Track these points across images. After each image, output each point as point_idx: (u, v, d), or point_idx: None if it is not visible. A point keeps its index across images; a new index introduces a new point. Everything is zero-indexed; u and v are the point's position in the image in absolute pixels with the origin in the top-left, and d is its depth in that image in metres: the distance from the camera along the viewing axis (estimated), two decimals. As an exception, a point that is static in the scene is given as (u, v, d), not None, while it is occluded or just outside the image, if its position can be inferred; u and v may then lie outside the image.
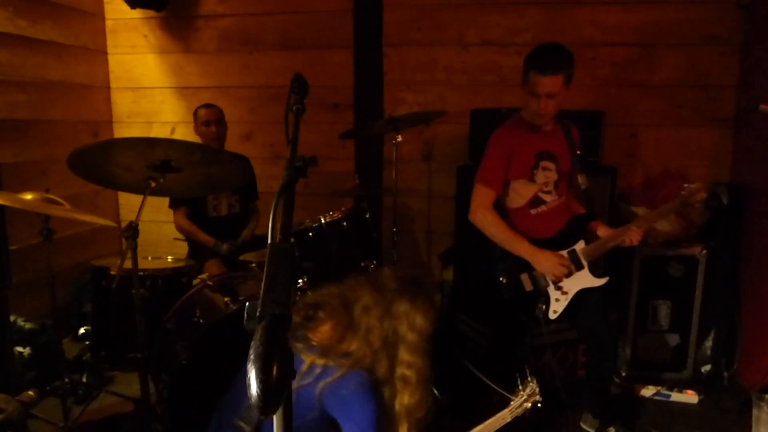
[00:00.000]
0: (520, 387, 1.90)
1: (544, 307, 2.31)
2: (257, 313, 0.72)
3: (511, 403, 1.86)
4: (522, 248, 2.29)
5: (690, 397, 2.93)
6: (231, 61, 3.97)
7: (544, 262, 2.28)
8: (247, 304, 0.76)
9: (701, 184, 2.34)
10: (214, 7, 3.93)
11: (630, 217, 3.17)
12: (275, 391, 0.66)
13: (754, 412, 2.64)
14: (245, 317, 0.76)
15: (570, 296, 2.33)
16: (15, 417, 1.52)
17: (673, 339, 3.11)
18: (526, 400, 1.86)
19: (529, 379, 1.89)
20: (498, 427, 1.80)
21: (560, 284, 2.33)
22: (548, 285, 2.32)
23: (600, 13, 3.51)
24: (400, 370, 1.56)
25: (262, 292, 0.74)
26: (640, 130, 3.59)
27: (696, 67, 3.46)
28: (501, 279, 2.30)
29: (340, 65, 3.80)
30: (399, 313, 1.57)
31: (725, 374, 3.13)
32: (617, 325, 3.16)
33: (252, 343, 0.68)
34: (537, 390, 1.88)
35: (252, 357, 0.66)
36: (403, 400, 1.55)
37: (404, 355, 1.56)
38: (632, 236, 2.30)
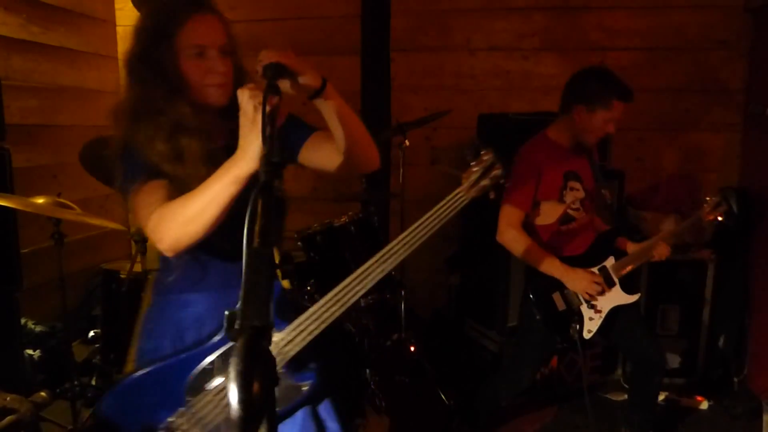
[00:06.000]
0: (473, 163, 1.52)
1: (578, 326, 2.24)
2: (236, 326, 0.67)
3: (463, 181, 1.50)
4: (554, 267, 2.23)
5: (700, 402, 2.91)
6: (239, 67, 4.00)
7: (577, 280, 2.23)
8: (226, 312, 0.72)
9: (719, 199, 2.34)
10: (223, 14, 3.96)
11: (639, 222, 3.15)
12: (257, 409, 0.63)
13: (765, 417, 2.62)
14: (224, 326, 0.72)
15: (603, 314, 2.28)
16: (28, 417, 1.54)
17: (683, 344, 3.09)
18: (482, 176, 1.50)
19: (484, 150, 1.51)
20: (452, 211, 1.54)
21: (593, 302, 2.28)
22: (581, 304, 2.27)
23: (607, 18, 3.51)
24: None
25: (240, 302, 0.68)
26: (648, 134, 3.58)
27: (703, 72, 3.45)
28: (531, 297, 2.26)
29: (348, 71, 3.81)
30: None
31: (735, 379, 3.10)
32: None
33: (231, 359, 0.64)
34: (496, 160, 1.46)
35: (232, 375, 0.62)
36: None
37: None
38: (661, 251, 2.30)
